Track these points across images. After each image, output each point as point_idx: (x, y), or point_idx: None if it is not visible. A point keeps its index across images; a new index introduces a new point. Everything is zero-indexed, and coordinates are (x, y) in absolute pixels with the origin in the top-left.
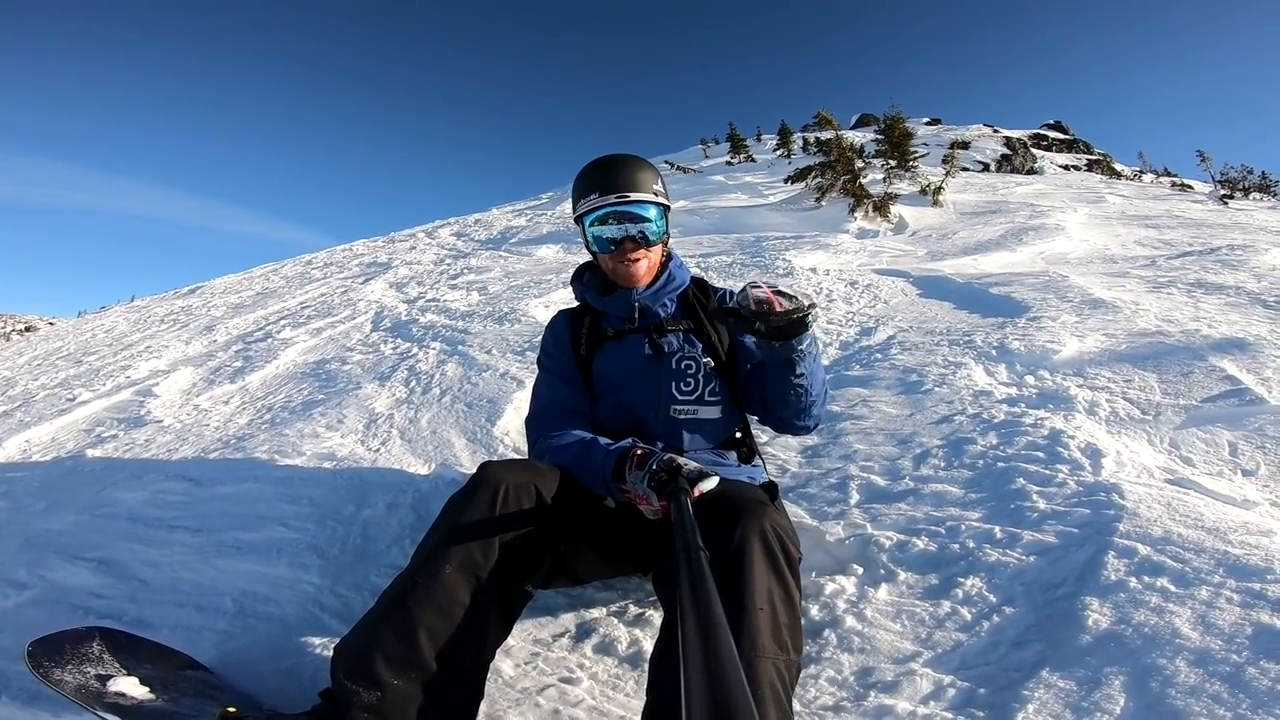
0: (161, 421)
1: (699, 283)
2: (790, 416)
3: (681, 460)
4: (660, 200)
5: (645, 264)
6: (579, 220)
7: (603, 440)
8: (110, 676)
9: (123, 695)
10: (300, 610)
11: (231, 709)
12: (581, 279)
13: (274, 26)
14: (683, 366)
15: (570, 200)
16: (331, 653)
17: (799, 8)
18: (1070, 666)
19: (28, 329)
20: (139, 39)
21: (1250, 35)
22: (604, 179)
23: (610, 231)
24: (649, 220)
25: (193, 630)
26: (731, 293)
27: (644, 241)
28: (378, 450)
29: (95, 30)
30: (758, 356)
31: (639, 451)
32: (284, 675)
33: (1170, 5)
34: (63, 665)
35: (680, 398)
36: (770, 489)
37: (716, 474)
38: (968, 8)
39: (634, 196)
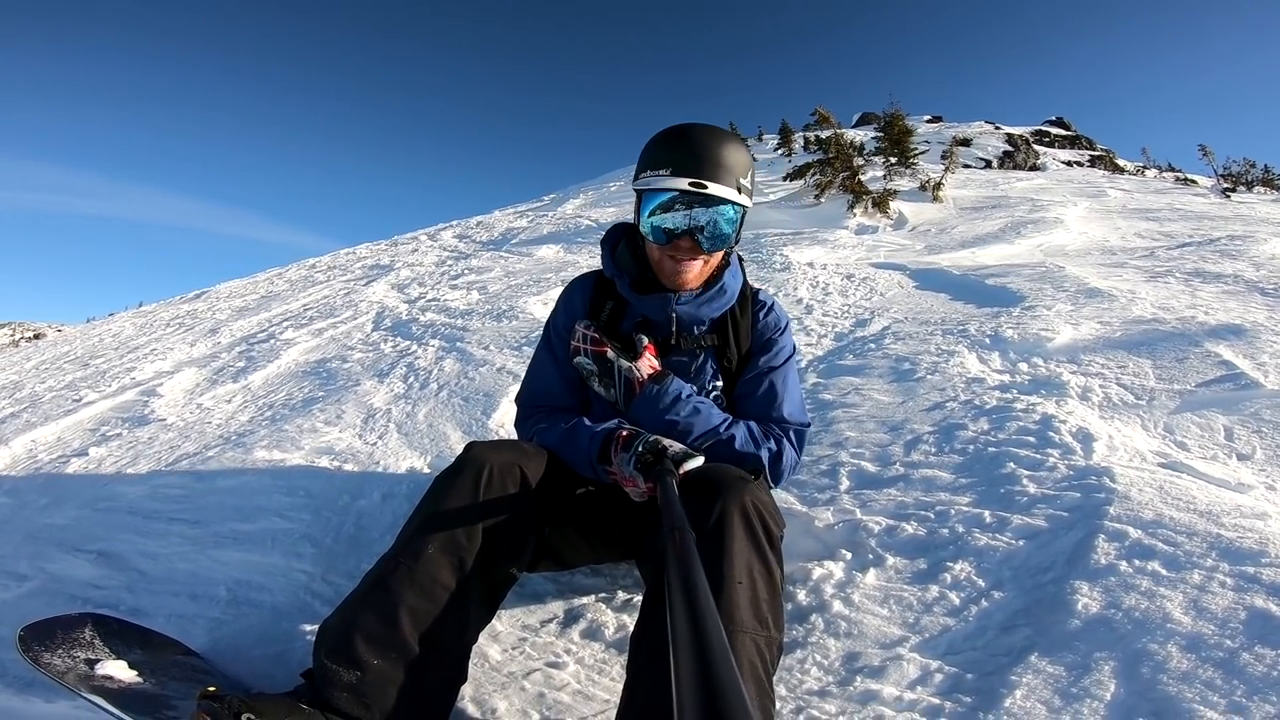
0: (165, 420)
1: (741, 293)
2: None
3: (667, 442)
4: (743, 200)
5: (698, 268)
6: (638, 191)
7: (588, 422)
8: (99, 660)
9: (110, 678)
10: (292, 597)
11: (212, 688)
12: (614, 248)
13: (280, 32)
14: None
15: (634, 168)
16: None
17: (801, 7)
18: (1059, 651)
19: (36, 336)
20: (145, 44)
21: (1254, 29)
22: (684, 153)
23: (670, 221)
24: (722, 215)
25: (186, 618)
26: (779, 317)
27: (707, 245)
28: (375, 444)
29: (101, 35)
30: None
31: (624, 433)
32: (273, 660)
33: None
34: (53, 650)
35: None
36: (755, 471)
37: (701, 455)
38: (969, 5)
39: (713, 189)
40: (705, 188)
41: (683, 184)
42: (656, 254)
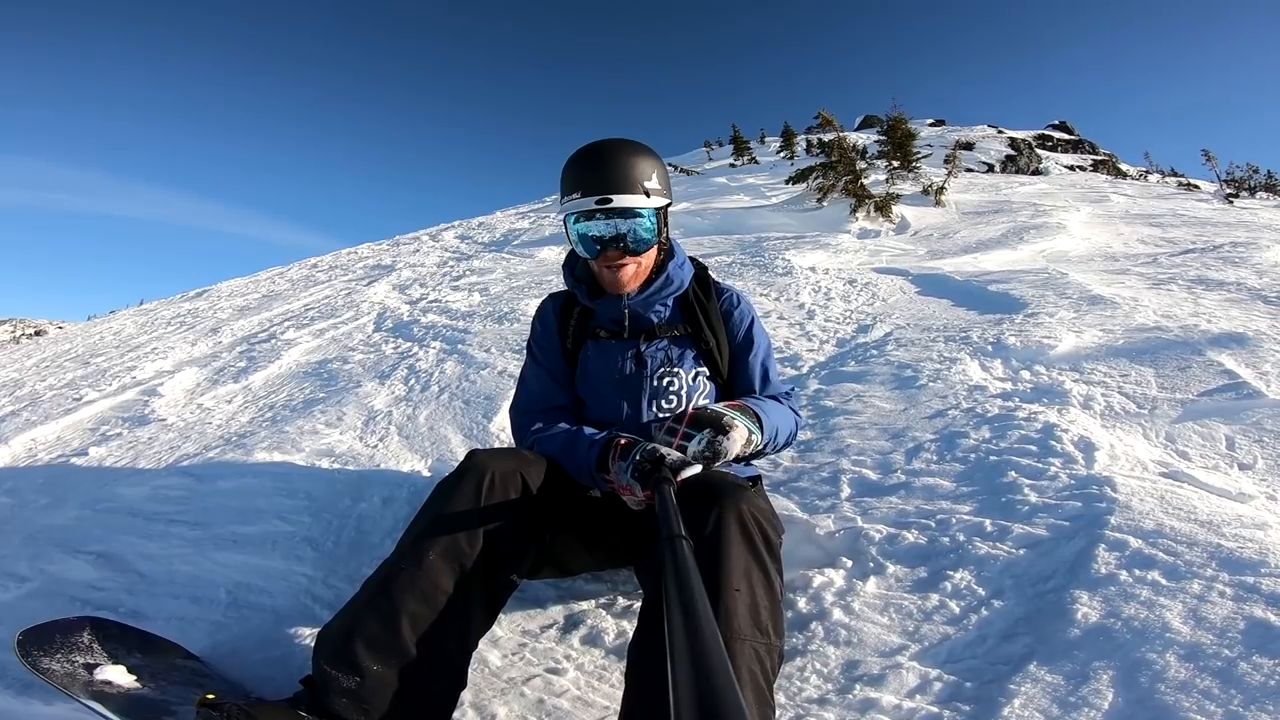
0: (165, 420)
1: (701, 280)
2: None
3: (665, 450)
4: (651, 204)
5: (633, 270)
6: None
7: (588, 431)
8: (97, 665)
9: (109, 684)
10: (293, 601)
11: (211, 695)
12: (573, 269)
13: (282, 30)
14: (664, 383)
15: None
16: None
17: (803, 11)
18: (1058, 660)
19: (37, 333)
20: (147, 42)
21: (1257, 35)
22: (588, 175)
23: (595, 230)
24: (639, 222)
25: (186, 621)
26: (737, 295)
27: (631, 249)
28: (375, 446)
29: (103, 32)
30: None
31: (622, 442)
32: (273, 664)
33: (1176, 4)
34: (51, 654)
35: (662, 416)
36: (753, 479)
37: (699, 463)
38: (972, 9)
39: (617, 201)
40: (610, 201)
41: (590, 203)
42: (595, 266)
